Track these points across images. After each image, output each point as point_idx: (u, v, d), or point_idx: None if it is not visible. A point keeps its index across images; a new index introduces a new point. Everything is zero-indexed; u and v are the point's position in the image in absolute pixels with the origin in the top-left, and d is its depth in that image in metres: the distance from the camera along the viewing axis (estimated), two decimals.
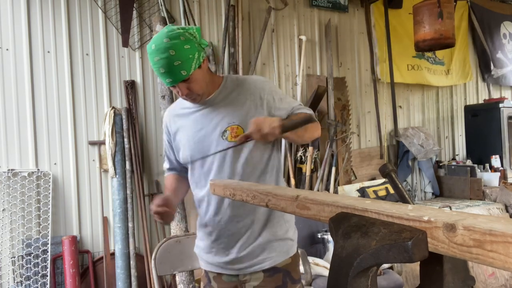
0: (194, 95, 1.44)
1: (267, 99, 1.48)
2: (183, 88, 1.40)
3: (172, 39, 1.33)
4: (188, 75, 1.36)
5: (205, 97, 1.49)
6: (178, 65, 1.33)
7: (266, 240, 1.51)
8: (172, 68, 1.33)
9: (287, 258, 1.54)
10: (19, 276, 2.65)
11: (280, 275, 1.52)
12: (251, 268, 1.52)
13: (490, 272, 3.59)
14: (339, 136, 4.00)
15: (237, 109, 1.47)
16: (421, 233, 0.52)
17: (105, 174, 3.03)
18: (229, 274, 1.56)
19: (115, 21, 3.12)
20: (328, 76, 4.03)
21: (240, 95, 1.49)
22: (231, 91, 1.51)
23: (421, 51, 4.06)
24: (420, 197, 4.61)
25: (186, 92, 1.41)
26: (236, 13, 3.57)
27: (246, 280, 1.54)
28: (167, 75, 1.35)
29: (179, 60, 1.33)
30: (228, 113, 1.47)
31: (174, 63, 1.32)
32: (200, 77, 1.41)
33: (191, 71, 1.36)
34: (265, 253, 1.51)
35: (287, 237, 1.56)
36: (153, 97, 3.25)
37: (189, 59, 1.35)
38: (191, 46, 1.35)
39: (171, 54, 1.32)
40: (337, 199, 0.71)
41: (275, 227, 1.53)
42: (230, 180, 1.40)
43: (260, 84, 1.51)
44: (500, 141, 4.74)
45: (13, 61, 2.79)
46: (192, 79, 1.38)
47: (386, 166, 1.13)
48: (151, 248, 2.96)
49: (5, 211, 2.67)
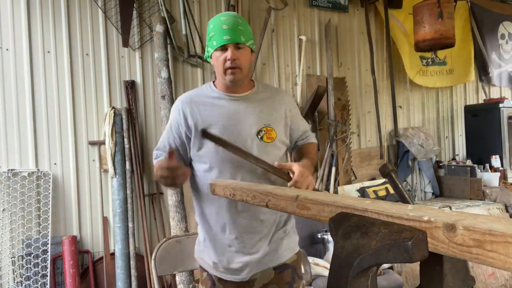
0: (238, 66, 1.42)
1: (292, 112, 1.60)
2: (234, 52, 1.41)
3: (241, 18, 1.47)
4: (245, 43, 1.43)
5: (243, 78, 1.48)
6: (241, 29, 1.42)
7: (279, 237, 1.52)
8: (236, 27, 1.41)
9: (293, 254, 1.56)
10: (19, 276, 2.65)
11: (289, 271, 1.52)
12: (262, 267, 1.50)
13: (490, 272, 3.59)
14: (339, 136, 4.00)
15: (271, 112, 1.52)
16: (421, 233, 0.52)
17: (105, 174, 3.03)
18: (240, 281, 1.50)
19: (115, 21, 3.12)
20: (328, 76, 4.03)
21: (275, 101, 1.56)
22: (265, 94, 1.56)
23: (421, 51, 4.06)
24: (420, 197, 4.61)
25: (235, 56, 1.41)
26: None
27: (256, 279, 1.50)
28: (227, 32, 1.40)
29: (243, 27, 1.44)
30: (264, 114, 1.51)
31: (239, 26, 1.42)
32: (248, 57, 1.47)
33: (248, 42, 1.45)
34: (277, 251, 1.51)
35: (293, 234, 1.59)
36: (153, 97, 3.25)
37: (250, 35, 1.46)
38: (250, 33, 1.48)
39: (239, 20, 1.44)
40: (337, 199, 0.71)
41: (287, 223, 1.56)
42: (230, 180, 1.40)
43: (290, 99, 1.66)
44: (500, 141, 4.74)
45: (13, 61, 2.79)
46: (243, 51, 1.44)
47: (386, 166, 1.13)
48: (151, 248, 2.96)
49: (5, 211, 2.67)
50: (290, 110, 1.59)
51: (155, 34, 3.10)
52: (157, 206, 3.18)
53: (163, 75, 3.06)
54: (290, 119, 1.58)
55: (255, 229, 1.47)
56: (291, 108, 1.60)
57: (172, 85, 3.11)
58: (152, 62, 3.25)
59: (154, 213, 3.16)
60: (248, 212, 1.46)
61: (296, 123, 1.62)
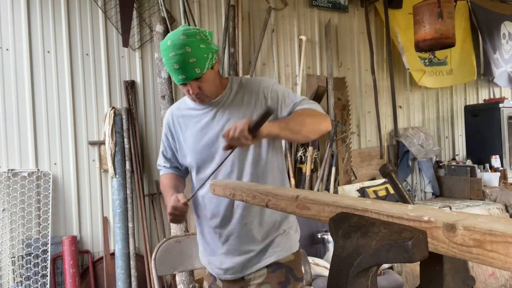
0: (203, 96, 1.43)
1: (271, 97, 1.48)
2: (194, 87, 1.39)
3: (188, 37, 1.34)
4: (202, 74, 1.37)
5: (212, 99, 1.49)
6: (193, 62, 1.34)
7: (272, 236, 1.52)
8: (187, 64, 1.33)
9: (289, 254, 1.54)
10: (19, 276, 2.65)
11: (283, 271, 1.52)
12: (257, 265, 1.52)
13: (490, 272, 3.59)
14: (339, 136, 4.00)
15: (243, 111, 1.47)
16: (421, 233, 0.52)
17: (105, 174, 3.03)
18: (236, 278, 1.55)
19: (115, 21, 3.12)
20: (328, 76, 4.03)
21: (245, 96, 1.50)
22: (237, 92, 1.51)
23: (421, 51, 4.05)
24: (420, 197, 4.61)
25: (196, 91, 1.40)
26: (236, 13, 3.57)
27: (251, 279, 1.54)
28: (180, 72, 1.35)
29: (194, 57, 1.33)
30: (234, 115, 1.47)
31: (190, 60, 1.33)
32: (211, 78, 1.42)
33: (204, 70, 1.37)
34: (270, 248, 1.51)
35: (291, 233, 1.57)
36: (153, 97, 3.25)
37: (204, 58, 1.36)
38: (206, 46, 1.37)
39: (187, 50, 1.32)
40: (337, 199, 0.71)
41: (282, 224, 1.55)
42: (230, 180, 1.40)
43: (264, 84, 1.52)
44: (500, 141, 4.74)
45: (13, 61, 2.79)
46: (204, 79, 1.39)
47: (386, 166, 1.13)
48: (151, 248, 2.96)
49: (5, 211, 2.67)
50: (270, 92, 1.49)
51: (155, 34, 3.10)
52: (157, 206, 3.18)
53: (163, 75, 3.06)
54: (271, 100, 1.48)
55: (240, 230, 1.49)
56: (269, 90, 1.49)
57: (172, 85, 3.11)
58: (152, 62, 3.25)
59: (154, 213, 3.16)
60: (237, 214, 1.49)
61: (280, 105, 1.48)
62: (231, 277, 1.55)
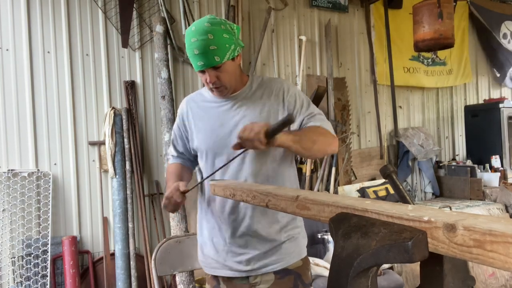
0: (221, 86, 1.42)
1: (289, 101, 1.47)
2: (212, 75, 1.38)
3: (212, 25, 1.34)
4: (221, 63, 1.36)
5: (231, 93, 1.48)
6: (213, 49, 1.33)
7: (280, 240, 1.49)
8: (207, 51, 1.33)
9: (298, 260, 1.52)
10: (19, 276, 2.65)
11: (291, 277, 1.50)
12: (264, 269, 1.48)
13: (490, 272, 3.59)
14: (339, 136, 4.00)
15: (259, 109, 1.46)
16: (421, 233, 0.52)
17: (105, 175, 3.03)
18: (240, 277, 1.51)
19: (115, 22, 3.12)
20: (328, 76, 4.03)
21: (264, 95, 1.49)
22: (256, 90, 1.51)
23: (420, 51, 4.05)
24: (420, 197, 4.61)
25: (214, 80, 1.39)
26: (236, 13, 3.57)
27: (257, 283, 1.50)
28: (200, 57, 1.34)
29: (215, 45, 1.33)
30: (250, 112, 1.46)
31: (210, 46, 1.33)
32: (231, 69, 1.41)
33: (224, 59, 1.36)
34: (278, 253, 1.49)
35: (300, 239, 1.55)
36: (153, 97, 3.25)
37: (225, 48, 1.36)
38: (229, 37, 1.37)
39: (209, 37, 1.32)
40: (337, 200, 0.71)
41: (289, 228, 1.52)
42: (230, 181, 1.40)
43: (284, 86, 1.51)
44: (500, 141, 4.74)
45: (13, 61, 2.79)
46: (223, 69, 1.38)
47: (387, 167, 1.13)
48: (151, 249, 2.96)
49: (5, 211, 2.67)
50: (288, 95, 1.48)
51: (155, 35, 3.10)
52: (157, 206, 3.18)
53: (163, 76, 3.06)
54: (288, 104, 1.47)
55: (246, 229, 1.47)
56: (288, 93, 1.48)
57: (172, 85, 3.11)
58: (152, 63, 3.25)
59: (154, 213, 3.16)
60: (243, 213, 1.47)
61: (296, 110, 1.47)
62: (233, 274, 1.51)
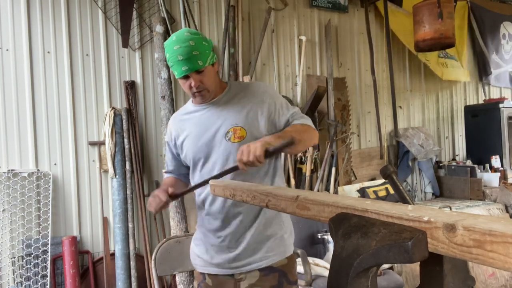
0: (204, 90, 1.50)
1: (269, 103, 1.54)
2: (196, 79, 1.46)
3: (192, 34, 1.46)
4: (204, 67, 1.45)
5: (212, 95, 1.55)
6: (196, 54, 1.42)
7: (265, 238, 1.54)
8: (191, 56, 1.42)
9: (283, 258, 1.57)
10: (19, 276, 2.65)
11: (276, 275, 1.54)
12: (248, 267, 1.54)
13: (490, 272, 3.59)
14: (339, 137, 4.00)
15: (239, 111, 1.52)
16: (421, 233, 0.52)
17: (105, 175, 3.03)
18: (225, 274, 1.58)
19: (115, 22, 3.12)
20: (328, 76, 4.03)
21: (243, 98, 1.55)
22: (235, 94, 1.57)
23: (421, 51, 4.06)
24: (420, 198, 4.61)
25: (198, 84, 1.47)
26: (236, 13, 3.57)
27: (242, 279, 1.56)
28: (184, 63, 1.42)
29: (197, 50, 1.43)
30: (231, 115, 1.52)
31: (193, 52, 1.42)
32: (212, 74, 1.50)
33: (206, 63, 1.46)
34: (263, 251, 1.53)
35: (285, 237, 1.59)
36: (153, 97, 3.25)
37: (206, 53, 1.46)
38: (208, 45, 1.49)
39: (191, 44, 1.43)
40: (337, 200, 0.71)
41: (274, 226, 1.56)
42: (230, 181, 1.40)
43: (263, 88, 1.59)
44: (500, 141, 4.74)
45: (13, 61, 2.79)
46: (205, 72, 1.47)
47: (387, 167, 1.13)
48: (151, 249, 2.96)
49: (5, 211, 2.67)
50: (268, 98, 1.54)
51: (155, 35, 3.10)
52: None
53: (163, 76, 3.06)
54: (268, 105, 1.53)
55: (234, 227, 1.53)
56: (268, 95, 1.55)
57: (172, 86, 3.11)
58: (152, 63, 3.25)
59: (154, 213, 3.16)
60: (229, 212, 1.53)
61: (277, 111, 1.54)
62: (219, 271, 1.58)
